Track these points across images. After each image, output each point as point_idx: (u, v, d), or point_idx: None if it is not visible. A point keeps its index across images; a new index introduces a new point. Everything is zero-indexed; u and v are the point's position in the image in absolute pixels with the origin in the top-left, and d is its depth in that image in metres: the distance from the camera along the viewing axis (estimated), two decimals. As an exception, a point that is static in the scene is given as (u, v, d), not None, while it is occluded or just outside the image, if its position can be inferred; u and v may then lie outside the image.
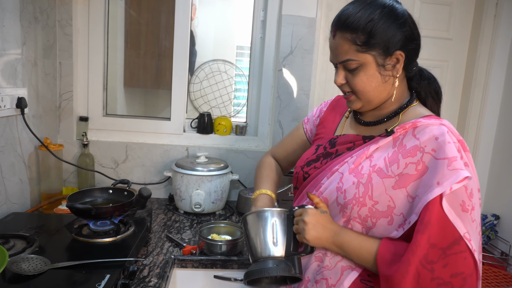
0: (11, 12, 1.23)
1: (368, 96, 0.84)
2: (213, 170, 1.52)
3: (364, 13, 0.79)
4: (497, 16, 1.73)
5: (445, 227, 0.70)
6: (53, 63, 1.56)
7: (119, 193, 1.23)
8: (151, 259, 1.14)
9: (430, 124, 0.78)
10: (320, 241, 0.80)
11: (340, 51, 0.82)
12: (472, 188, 0.73)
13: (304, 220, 0.80)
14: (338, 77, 0.85)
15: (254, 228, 0.84)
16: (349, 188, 0.81)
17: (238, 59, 2.32)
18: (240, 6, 2.37)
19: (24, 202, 1.36)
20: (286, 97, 1.71)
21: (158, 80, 2.00)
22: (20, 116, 1.30)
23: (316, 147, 0.98)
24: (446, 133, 0.75)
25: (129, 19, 1.88)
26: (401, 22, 0.80)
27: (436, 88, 0.90)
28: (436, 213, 0.70)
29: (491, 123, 1.80)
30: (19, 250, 0.94)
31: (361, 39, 0.79)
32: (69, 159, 1.64)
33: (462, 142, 0.77)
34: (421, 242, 0.69)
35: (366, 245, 0.77)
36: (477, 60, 1.78)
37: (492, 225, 1.70)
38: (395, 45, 0.79)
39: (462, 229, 0.70)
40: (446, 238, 0.70)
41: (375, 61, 0.80)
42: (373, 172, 0.79)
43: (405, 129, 0.80)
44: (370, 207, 0.78)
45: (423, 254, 0.69)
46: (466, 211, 0.71)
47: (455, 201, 0.71)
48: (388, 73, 0.82)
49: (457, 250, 0.70)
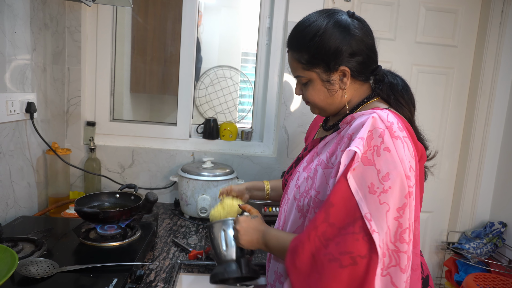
0: (21, 19, 1.25)
1: (320, 106, 0.90)
2: (218, 175, 1.53)
3: (308, 32, 0.84)
4: (502, 24, 1.73)
5: (348, 206, 0.72)
6: (61, 68, 1.58)
7: (126, 197, 1.24)
8: (157, 263, 1.14)
9: (363, 114, 0.79)
10: (253, 244, 0.90)
11: (292, 67, 0.90)
12: (389, 173, 0.71)
13: (236, 228, 0.91)
14: (296, 89, 0.94)
15: (211, 235, 0.97)
16: (301, 183, 0.87)
17: (243, 65, 2.34)
18: (245, 13, 2.40)
19: (32, 205, 1.37)
20: (291, 103, 1.72)
21: (164, 86, 2.02)
22: (29, 120, 1.31)
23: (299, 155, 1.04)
24: (370, 118, 0.75)
25: (136, 25, 1.91)
26: (343, 37, 0.82)
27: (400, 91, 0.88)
28: (341, 193, 0.72)
29: (497, 130, 1.80)
30: (27, 253, 0.94)
31: (305, 58, 0.85)
32: (76, 163, 1.66)
33: (390, 128, 0.74)
34: (317, 219, 0.74)
35: (281, 240, 0.84)
36: (483, 67, 1.78)
37: (500, 233, 1.69)
38: (337, 62, 0.83)
39: (365, 209, 0.70)
40: (347, 217, 0.72)
41: (319, 78, 0.86)
42: (318, 165, 0.84)
43: (347, 123, 0.82)
44: (314, 197, 0.81)
45: (322, 231, 0.73)
46: (374, 193, 0.71)
47: (362, 182, 0.72)
48: (335, 87, 0.86)
49: (350, 231, 0.71)
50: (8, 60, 1.19)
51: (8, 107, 1.19)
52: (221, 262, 0.94)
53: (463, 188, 1.86)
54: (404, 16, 1.78)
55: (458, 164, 1.91)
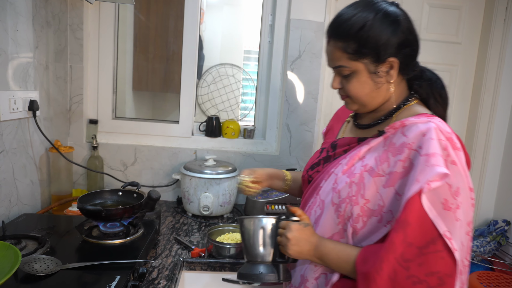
0: (24, 17, 1.25)
1: (362, 101, 0.85)
2: (221, 173, 1.53)
3: (356, 20, 0.79)
4: (507, 20, 1.72)
5: (423, 225, 0.69)
6: (64, 66, 1.58)
7: (129, 195, 1.24)
8: (160, 261, 1.14)
9: (418, 122, 0.77)
10: (302, 255, 0.82)
11: (333, 57, 0.84)
12: (459, 187, 0.71)
13: (287, 236, 0.82)
14: (334, 82, 0.87)
15: (247, 232, 0.89)
16: (342, 188, 0.82)
17: (245, 63, 2.34)
18: (247, 11, 2.39)
19: (35, 203, 1.38)
20: (294, 101, 1.71)
21: (167, 84, 2.02)
22: (32, 118, 1.32)
23: (321, 150, 1.00)
24: (433, 129, 0.74)
25: (138, 23, 1.91)
26: (393, 28, 0.79)
27: (439, 88, 0.89)
28: (415, 211, 0.69)
29: (501, 128, 1.78)
30: (31, 251, 0.95)
31: (352, 48, 0.80)
32: (79, 161, 1.66)
33: (450, 139, 0.74)
34: (395, 240, 0.69)
35: (343, 255, 0.78)
36: (487, 64, 1.76)
37: (503, 231, 1.68)
38: (387, 53, 0.80)
39: (442, 227, 0.69)
40: (424, 236, 0.69)
41: (367, 69, 0.81)
42: (365, 171, 0.80)
43: (395, 128, 0.80)
44: (362, 206, 0.78)
45: (400, 253, 0.69)
46: (449, 209, 0.70)
47: (436, 199, 0.70)
48: (381, 79, 0.82)
49: (434, 249, 0.69)
50: (11, 58, 1.19)
51: (11, 105, 1.19)
52: (255, 262, 0.88)
53: (466, 186, 1.85)
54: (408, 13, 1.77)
55: (461, 162, 1.90)
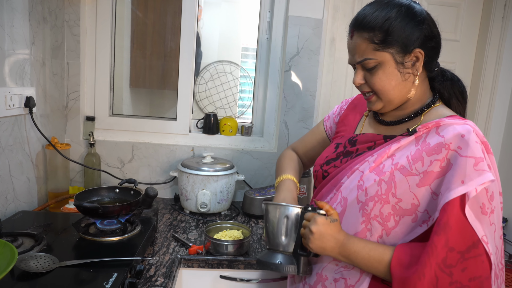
0: (20, 13, 1.24)
1: (389, 96, 0.83)
2: (219, 170, 1.52)
3: (381, 13, 0.79)
4: (505, 18, 1.72)
5: (463, 230, 0.69)
6: (60, 63, 1.57)
7: (126, 192, 1.23)
8: (157, 258, 1.14)
9: (453, 123, 0.77)
10: (325, 251, 0.79)
11: (358, 50, 0.82)
12: (494, 191, 0.72)
13: (311, 229, 0.79)
14: (357, 77, 0.85)
15: (271, 219, 0.88)
16: (370, 186, 0.80)
17: (243, 60, 2.33)
18: (245, 7, 2.38)
19: (31, 200, 1.37)
20: (292, 98, 1.71)
21: (164, 81, 2.01)
22: (28, 115, 1.31)
23: (336, 145, 0.97)
24: (472, 131, 0.74)
25: (136, 20, 1.89)
26: (419, 20, 0.79)
27: (461, 88, 0.89)
28: (455, 215, 0.69)
29: (499, 126, 1.79)
30: (27, 248, 0.94)
31: (378, 38, 0.79)
32: (75, 158, 1.65)
33: (486, 143, 0.76)
34: (437, 244, 0.68)
35: (375, 254, 0.76)
36: (485, 62, 1.77)
37: (500, 228, 1.69)
38: (413, 43, 0.79)
39: (481, 231, 0.69)
40: (464, 241, 0.69)
41: (394, 59, 0.80)
42: (396, 170, 0.78)
43: (427, 128, 0.79)
44: (394, 205, 0.77)
45: (442, 258, 0.68)
46: (485, 213, 0.71)
47: (475, 203, 0.70)
48: (408, 70, 0.81)
49: (476, 253, 0.69)
50: (7, 55, 1.18)
51: (7, 102, 1.18)
52: (275, 251, 0.87)
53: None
54: None
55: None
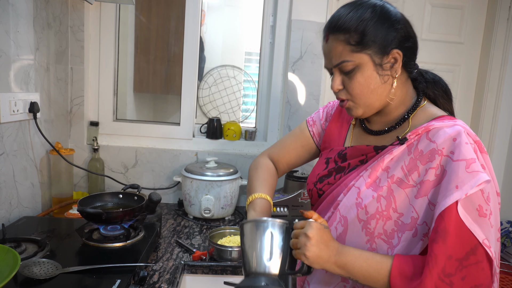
0: (25, 18, 1.25)
1: (367, 100, 0.79)
2: (222, 175, 1.52)
3: (355, 14, 0.77)
4: (510, 19, 1.70)
5: (462, 235, 0.66)
6: (65, 68, 1.58)
7: (129, 198, 1.23)
8: (161, 264, 1.13)
9: (443, 126, 0.74)
10: (321, 260, 0.71)
11: (334, 53, 0.79)
12: (490, 192, 0.69)
13: (307, 234, 0.70)
14: (335, 83, 0.81)
15: (250, 238, 0.76)
16: (369, 203, 0.76)
17: (247, 64, 2.33)
18: (248, 12, 2.39)
19: (35, 206, 1.37)
20: (295, 102, 1.70)
21: (168, 86, 2.01)
22: (32, 120, 1.31)
23: (326, 160, 0.93)
24: (463, 133, 0.71)
25: (139, 25, 1.90)
26: (394, 20, 0.77)
27: (444, 87, 0.86)
28: (453, 220, 0.66)
29: (505, 128, 1.77)
30: (30, 254, 0.94)
31: (355, 39, 0.76)
32: (79, 163, 1.65)
33: (478, 142, 0.73)
34: (438, 253, 0.66)
35: (373, 263, 0.71)
36: (490, 64, 1.75)
37: (508, 232, 1.66)
38: (391, 43, 0.76)
39: (481, 235, 0.66)
40: (463, 247, 0.66)
41: (372, 61, 0.77)
42: (393, 183, 0.75)
43: (418, 134, 0.76)
44: (396, 220, 0.74)
45: (441, 267, 0.65)
46: (484, 216, 0.67)
47: (470, 206, 0.67)
48: (387, 72, 0.78)
49: (474, 260, 0.66)
50: (12, 60, 1.18)
51: (11, 107, 1.18)
52: (257, 275, 0.73)
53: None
54: (410, 13, 1.73)
55: (465, 163, 1.89)
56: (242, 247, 0.77)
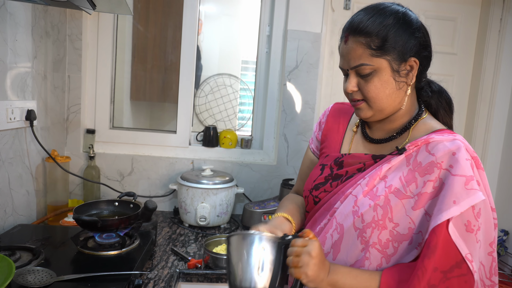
0: (23, 27, 1.26)
1: (381, 104, 0.80)
2: (218, 183, 1.52)
3: (378, 18, 0.78)
4: (501, 31, 1.74)
5: (448, 249, 0.68)
6: (62, 76, 1.58)
7: (125, 205, 1.23)
8: (156, 272, 1.13)
9: (443, 140, 0.75)
10: (318, 279, 0.71)
11: (354, 55, 0.79)
12: (481, 208, 0.70)
13: (311, 253, 0.70)
14: (350, 84, 0.81)
15: (238, 251, 0.72)
16: (366, 212, 0.77)
17: (243, 73, 2.35)
18: (245, 21, 2.41)
19: (30, 214, 1.37)
20: (291, 111, 1.72)
21: (164, 94, 2.02)
22: (29, 128, 1.31)
23: (321, 167, 0.93)
24: (463, 148, 0.72)
25: (137, 33, 1.92)
26: (415, 28, 0.78)
27: (448, 99, 0.88)
28: (443, 236, 0.68)
29: (498, 138, 1.79)
30: (25, 262, 0.93)
31: (376, 43, 0.77)
32: (75, 171, 1.65)
33: (476, 159, 0.74)
34: (427, 267, 0.67)
35: (362, 280, 0.73)
36: (483, 75, 1.78)
37: (502, 241, 1.67)
38: (410, 51, 0.78)
39: (465, 250, 0.68)
40: (448, 260, 0.68)
41: (390, 66, 0.78)
42: (390, 193, 0.76)
43: (417, 146, 0.77)
44: (391, 230, 0.74)
45: (427, 279, 0.67)
46: (471, 231, 0.69)
47: (459, 221, 0.68)
48: (403, 79, 0.79)
49: (458, 273, 0.68)
50: (9, 68, 1.19)
51: (8, 115, 1.18)
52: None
53: (464, 196, 1.85)
54: None
55: (459, 171, 1.91)
56: (228, 260, 0.74)
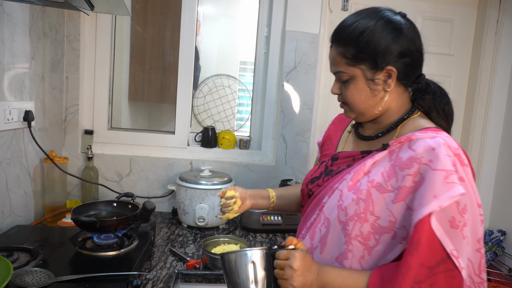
0: (21, 28, 1.25)
1: (359, 108, 0.84)
2: (216, 183, 1.52)
3: (357, 27, 0.80)
4: (498, 33, 1.75)
5: (433, 245, 0.68)
6: (60, 77, 1.58)
7: (123, 206, 1.23)
8: (154, 273, 1.13)
9: (425, 137, 0.76)
10: (305, 286, 0.75)
11: (334, 62, 0.85)
12: (466, 204, 0.70)
13: (293, 266, 0.73)
14: (334, 87, 0.87)
15: (231, 269, 0.79)
16: (349, 205, 0.79)
17: (241, 74, 2.35)
18: (243, 22, 2.41)
19: (28, 214, 1.36)
20: (289, 112, 1.72)
21: (163, 94, 2.02)
22: (26, 129, 1.31)
23: (320, 163, 0.97)
24: (442, 144, 0.73)
25: (135, 34, 1.92)
26: (394, 36, 0.79)
27: (443, 103, 0.88)
28: (426, 231, 0.68)
29: (495, 138, 1.80)
30: (23, 263, 0.93)
31: (351, 53, 0.80)
32: (73, 172, 1.65)
33: (458, 155, 0.74)
34: (411, 264, 0.68)
35: (350, 281, 0.74)
36: (479, 76, 1.79)
37: (499, 241, 1.68)
38: (385, 60, 0.79)
39: (449, 246, 0.68)
40: (434, 256, 0.68)
41: (364, 75, 0.81)
42: (372, 187, 0.78)
43: (400, 142, 0.79)
44: (372, 223, 0.76)
45: (413, 275, 0.67)
46: (456, 227, 0.69)
47: (443, 217, 0.69)
48: (378, 87, 0.81)
49: (445, 268, 0.68)
50: (7, 69, 1.19)
51: (5, 115, 1.18)
52: None
53: (461, 196, 1.86)
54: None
55: (456, 172, 1.91)
56: (226, 277, 0.80)
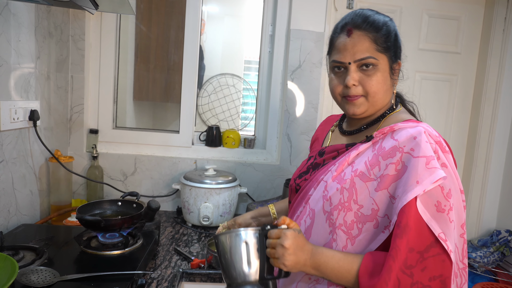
0: (26, 28, 1.26)
1: (380, 98, 0.83)
2: (221, 183, 1.52)
3: (381, 18, 0.84)
4: (505, 30, 1.72)
5: (421, 230, 0.69)
6: (65, 76, 1.59)
7: (128, 205, 1.23)
8: (159, 272, 1.13)
9: (406, 127, 0.79)
10: (298, 265, 0.74)
11: (360, 48, 0.80)
12: (450, 189, 0.72)
13: (284, 245, 0.72)
14: (352, 77, 0.81)
15: (226, 250, 0.79)
16: (333, 195, 0.80)
17: (246, 73, 2.35)
18: (248, 21, 2.41)
19: (34, 213, 1.37)
20: (294, 111, 1.72)
21: (167, 94, 2.02)
22: (32, 128, 1.32)
23: (308, 159, 1.00)
24: (423, 133, 0.75)
25: (140, 34, 1.92)
26: (398, 35, 0.87)
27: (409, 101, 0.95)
28: (413, 215, 0.70)
29: (502, 137, 1.78)
30: (28, 262, 0.94)
31: (381, 40, 0.81)
32: (78, 171, 1.65)
33: (439, 143, 0.76)
34: (400, 246, 0.69)
35: (344, 263, 0.74)
36: (487, 74, 1.77)
37: (507, 241, 1.66)
38: (399, 52, 0.87)
39: (437, 229, 0.69)
40: (423, 240, 0.69)
41: (389, 64, 0.83)
42: (355, 176, 0.79)
43: (383, 133, 0.81)
44: (356, 212, 0.77)
45: (403, 260, 0.68)
46: (442, 211, 0.70)
47: (429, 202, 0.71)
48: (395, 77, 0.86)
49: (435, 252, 0.69)
50: (13, 69, 1.20)
51: (11, 115, 1.19)
52: (239, 284, 0.77)
53: (468, 196, 1.84)
54: (407, 23, 1.78)
55: (463, 171, 1.89)
56: (220, 259, 0.80)
